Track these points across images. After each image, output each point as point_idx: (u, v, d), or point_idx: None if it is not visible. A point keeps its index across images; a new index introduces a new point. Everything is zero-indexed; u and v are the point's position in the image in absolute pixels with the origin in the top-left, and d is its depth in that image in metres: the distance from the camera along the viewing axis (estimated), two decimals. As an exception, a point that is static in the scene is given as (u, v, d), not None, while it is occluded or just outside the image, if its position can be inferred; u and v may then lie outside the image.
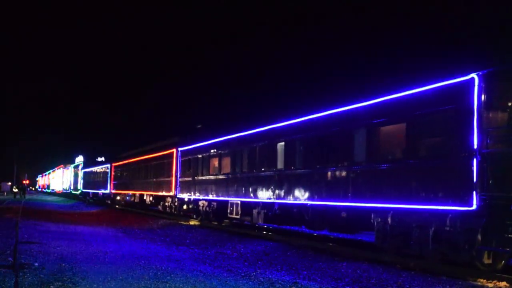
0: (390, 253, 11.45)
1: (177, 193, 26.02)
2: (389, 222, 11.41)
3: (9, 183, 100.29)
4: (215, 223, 22.11)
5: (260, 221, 17.12)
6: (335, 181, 12.99)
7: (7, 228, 18.18)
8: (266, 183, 16.53)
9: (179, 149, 26.17)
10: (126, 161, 38.65)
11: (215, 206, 21.75)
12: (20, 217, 24.86)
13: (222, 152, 20.59)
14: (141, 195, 33.80)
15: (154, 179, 30.32)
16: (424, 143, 10.46)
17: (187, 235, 18.06)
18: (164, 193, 28.30)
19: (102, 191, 46.85)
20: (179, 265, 10.92)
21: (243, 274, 10.03)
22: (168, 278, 9.16)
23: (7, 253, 11.51)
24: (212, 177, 21.52)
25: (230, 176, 19.53)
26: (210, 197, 21.56)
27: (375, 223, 11.94)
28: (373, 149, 11.87)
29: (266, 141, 16.78)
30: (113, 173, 43.08)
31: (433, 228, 10.22)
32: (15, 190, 68.95)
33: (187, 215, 26.28)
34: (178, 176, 26.01)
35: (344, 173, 12.70)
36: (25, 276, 8.79)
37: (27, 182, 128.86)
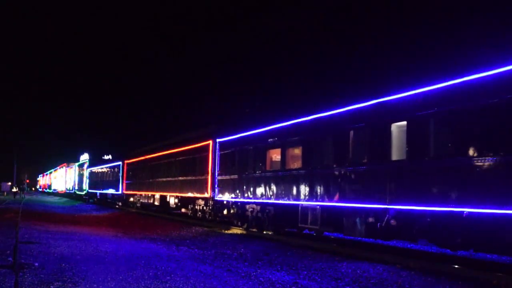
0: None
1: (215, 194, 21.10)
2: None
3: (9, 183, 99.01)
4: (269, 232, 17.22)
5: (359, 235, 12.13)
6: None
7: (7, 228, 17.90)
8: (371, 181, 11.68)
9: (218, 140, 21.26)
10: (143, 158, 33.63)
11: (272, 212, 16.88)
12: (20, 217, 24.12)
13: (288, 140, 15.72)
14: (163, 197, 28.76)
15: (181, 178, 25.34)
16: None
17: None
18: (195, 195, 23.31)
19: (112, 191, 41.87)
20: (179, 265, 10.75)
21: (243, 274, 9.89)
22: (168, 278, 9.04)
23: (7, 253, 11.35)
24: (270, 174, 16.64)
25: (302, 172, 14.65)
26: (267, 199, 16.69)
27: None
28: None
29: (369, 121, 11.95)
30: (125, 171, 38.13)
31: None
32: (15, 190, 67.70)
33: (225, 221, 21.43)
34: (216, 174, 21.08)
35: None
36: (25, 276, 8.68)
37: (27, 182, 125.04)
